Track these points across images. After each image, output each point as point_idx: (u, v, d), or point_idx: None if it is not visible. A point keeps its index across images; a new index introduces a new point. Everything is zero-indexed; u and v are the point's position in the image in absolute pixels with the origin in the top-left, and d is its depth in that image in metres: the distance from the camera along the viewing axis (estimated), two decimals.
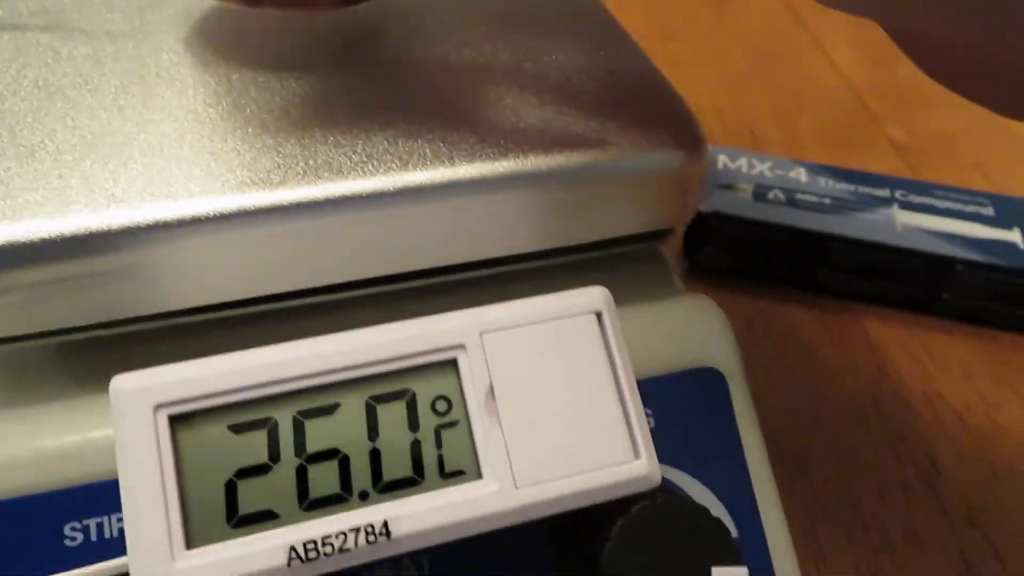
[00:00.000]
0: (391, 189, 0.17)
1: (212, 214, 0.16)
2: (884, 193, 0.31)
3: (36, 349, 0.17)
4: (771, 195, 0.31)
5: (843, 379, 0.29)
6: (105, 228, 0.15)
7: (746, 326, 0.31)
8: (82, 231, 0.15)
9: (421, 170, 0.17)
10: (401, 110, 0.18)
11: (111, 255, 0.16)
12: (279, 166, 0.17)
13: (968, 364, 0.30)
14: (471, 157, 0.17)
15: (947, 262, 0.29)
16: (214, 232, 0.16)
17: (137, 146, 0.17)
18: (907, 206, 0.31)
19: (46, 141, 0.17)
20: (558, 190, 0.18)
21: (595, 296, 0.16)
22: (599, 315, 0.15)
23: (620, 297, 0.17)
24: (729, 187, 0.31)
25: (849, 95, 0.43)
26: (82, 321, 0.16)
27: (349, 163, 0.17)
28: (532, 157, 0.17)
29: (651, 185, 0.18)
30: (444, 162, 0.17)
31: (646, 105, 0.19)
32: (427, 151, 0.17)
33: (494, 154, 0.17)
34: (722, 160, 0.33)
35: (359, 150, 0.17)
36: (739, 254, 0.31)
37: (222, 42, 0.20)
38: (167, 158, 0.17)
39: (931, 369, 0.29)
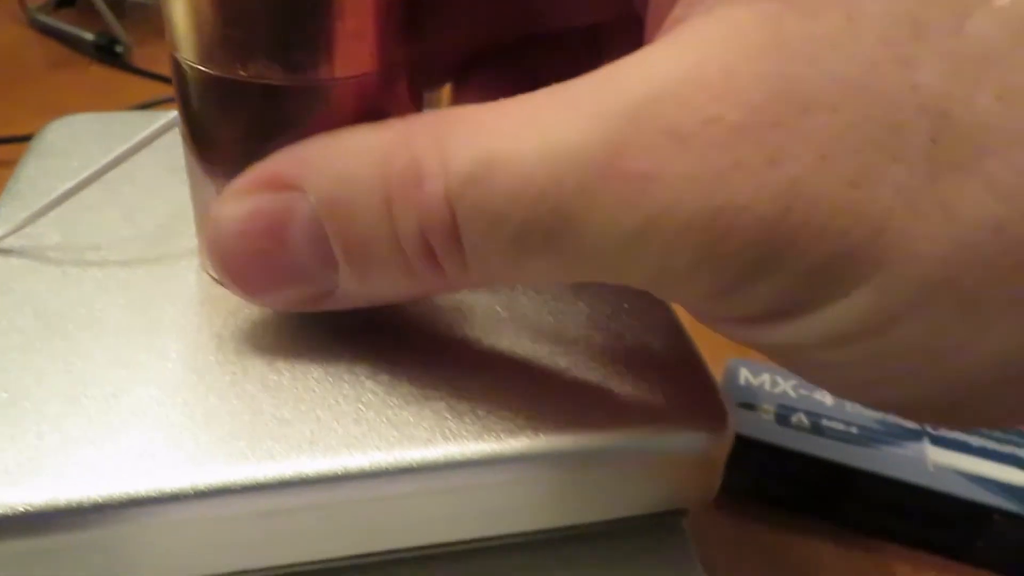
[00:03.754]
0: (399, 466, 0.15)
1: (197, 490, 0.15)
2: (914, 424, 0.30)
3: None
4: (794, 419, 0.30)
5: None
6: (75, 505, 0.14)
7: (766, 558, 0.29)
8: (49, 506, 0.14)
9: (430, 447, 0.16)
10: (412, 386, 0.17)
11: (82, 533, 0.14)
12: (279, 437, 0.15)
13: None
14: (481, 435, 0.16)
15: (983, 511, 0.27)
16: (199, 510, 0.15)
17: (127, 403, 0.16)
18: (939, 441, 0.29)
19: (32, 388, 0.16)
20: (570, 471, 0.16)
21: None
22: None
23: None
24: (750, 407, 0.30)
25: None
26: None
27: (351, 438, 0.16)
28: (545, 436, 0.16)
29: (670, 467, 0.17)
30: (458, 439, 0.16)
31: (671, 380, 0.18)
32: (442, 429, 0.16)
33: (505, 432, 0.16)
34: (744, 374, 0.31)
35: (362, 424, 0.16)
36: (760, 479, 0.29)
37: None
38: (156, 420, 0.16)
39: None
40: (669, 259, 0.12)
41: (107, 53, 0.61)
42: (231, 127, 0.16)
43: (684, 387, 0.18)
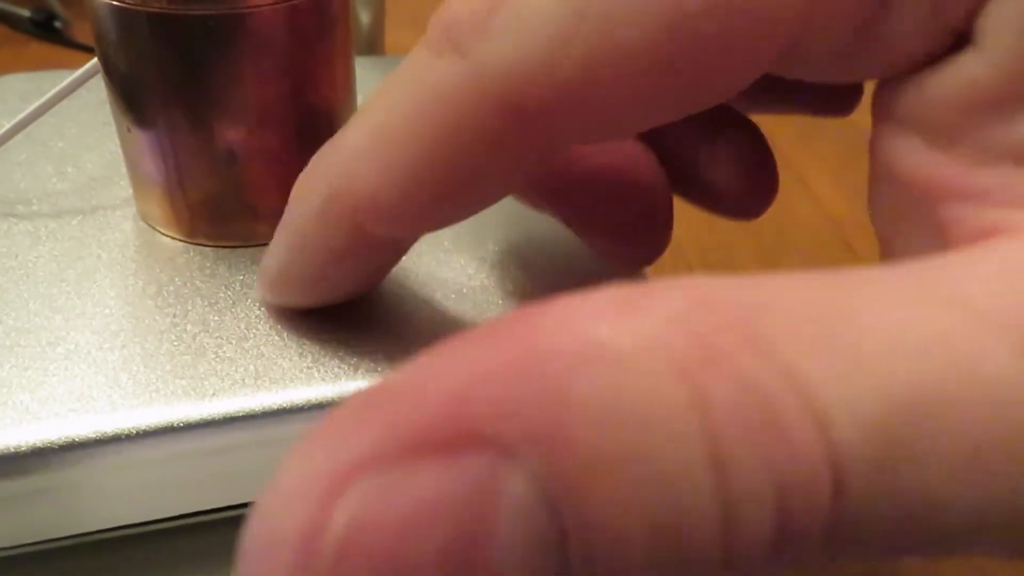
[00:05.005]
0: (347, 398, 0.15)
1: (139, 430, 0.14)
2: None
3: None
4: None
5: None
6: (11, 451, 0.14)
7: None
8: None
9: (378, 378, 0.15)
10: (359, 319, 0.17)
11: (20, 480, 0.14)
12: (222, 374, 0.15)
13: None
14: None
15: None
16: (141, 451, 0.14)
17: (63, 349, 0.15)
18: None
19: None
20: None
21: None
22: None
23: None
24: None
25: (833, 232, 0.42)
26: None
27: (297, 371, 0.15)
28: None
29: None
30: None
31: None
32: (390, 359, 0.16)
33: None
34: None
35: (307, 358, 0.16)
36: None
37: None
38: (94, 364, 0.15)
39: None
40: None
41: (46, 29, 0.59)
42: (128, 59, 0.16)
43: None
